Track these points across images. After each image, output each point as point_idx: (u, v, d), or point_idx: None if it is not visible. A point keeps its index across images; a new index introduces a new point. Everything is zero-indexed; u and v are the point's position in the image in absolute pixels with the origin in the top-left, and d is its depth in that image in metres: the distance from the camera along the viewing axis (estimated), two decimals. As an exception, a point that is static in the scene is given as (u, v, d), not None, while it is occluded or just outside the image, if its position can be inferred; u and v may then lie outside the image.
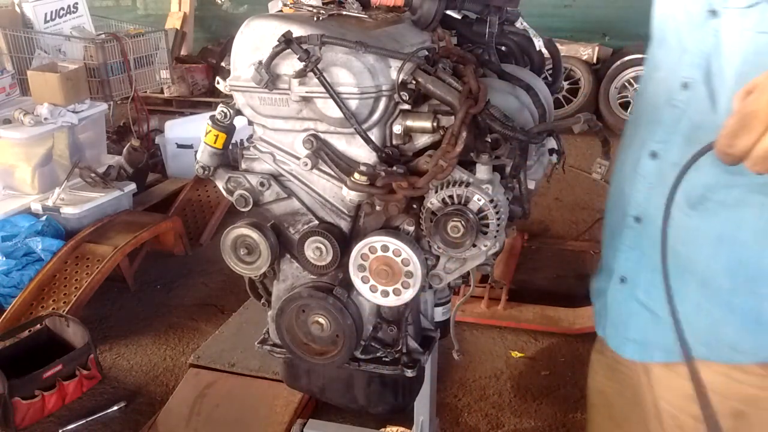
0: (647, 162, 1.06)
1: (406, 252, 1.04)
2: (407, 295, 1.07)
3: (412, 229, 1.08)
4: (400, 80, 1.03)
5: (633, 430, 1.26)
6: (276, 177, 1.14)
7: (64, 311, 2.82)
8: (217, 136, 1.17)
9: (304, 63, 1.00)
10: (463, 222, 0.99)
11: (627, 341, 1.15)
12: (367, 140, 1.06)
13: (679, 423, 1.10)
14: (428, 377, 1.55)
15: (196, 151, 1.20)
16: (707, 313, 1.03)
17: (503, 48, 1.33)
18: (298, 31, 1.03)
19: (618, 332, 1.17)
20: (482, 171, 1.00)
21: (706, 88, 0.96)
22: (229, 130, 1.18)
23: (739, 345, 1.01)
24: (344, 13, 1.15)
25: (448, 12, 1.24)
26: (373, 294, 1.09)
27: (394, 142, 1.09)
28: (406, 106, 1.06)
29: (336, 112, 1.04)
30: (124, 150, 3.84)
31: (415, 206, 1.06)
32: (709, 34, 0.94)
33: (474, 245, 1.01)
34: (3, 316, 2.85)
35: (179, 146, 4.42)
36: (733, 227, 0.97)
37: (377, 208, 1.06)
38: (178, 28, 6.70)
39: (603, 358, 1.30)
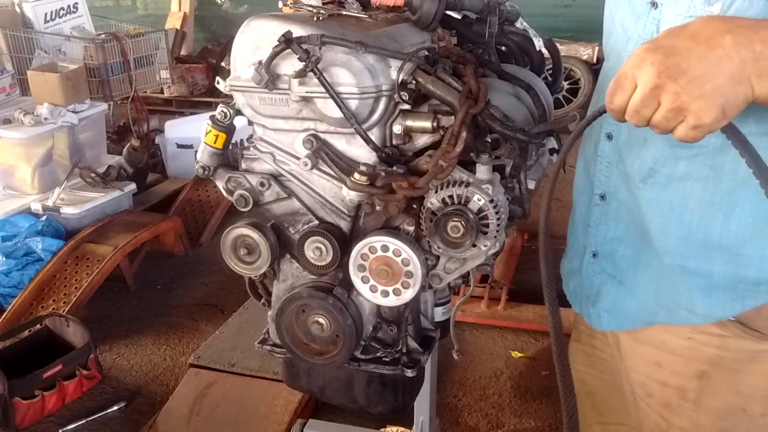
0: (605, 143, 1.14)
1: (406, 252, 1.04)
2: (407, 295, 1.07)
3: (412, 229, 1.08)
4: (400, 80, 1.03)
5: (615, 418, 1.32)
6: (276, 177, 1.14)
7: (64, 311, 2.82)
8: (217, 136, 1.17)
9: (304, 63, 1.00)
10: (463, 222, 0.99)
11: (602, 312, 1.22)
12: (367, 140, 1.06)
13: (648, 390, 1.16)
14: (428, 377, 1.55)
15: (196, 151, 1.20)
16: (665, 279, 1.10)
17: (503, 48, 1.33)
18: (298, 31, 1.03)
19: (593, 305, 1.23)
20: (482, 171, 1.00)
21: None
22: (229, 130, 1.18)
23: (695, 307, 1.06)
24: (344, 13, 1.15)
25: (448, 12, 1.24)
26: (373, 294, 1.09)
27: (394, 142, 1.09)
28: (406, 106, 1.06)
29: (336, 112, 1.04)
30: (124, 150, 3.84)
31: (415, 206, 1.06)
32: (650, 23, 1.03)
33: (474, 245, 1.01)
34: (3, 316, 2.85)
35: (179, 146, 4.42)
36: (682, 198, 1.04)
37: (377, 208, 1.06)
38: (178, 28, 6.70)
39: (580, 346, 1.36)
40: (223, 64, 1.19)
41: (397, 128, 1.07)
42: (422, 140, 1.08)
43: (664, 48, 0.79)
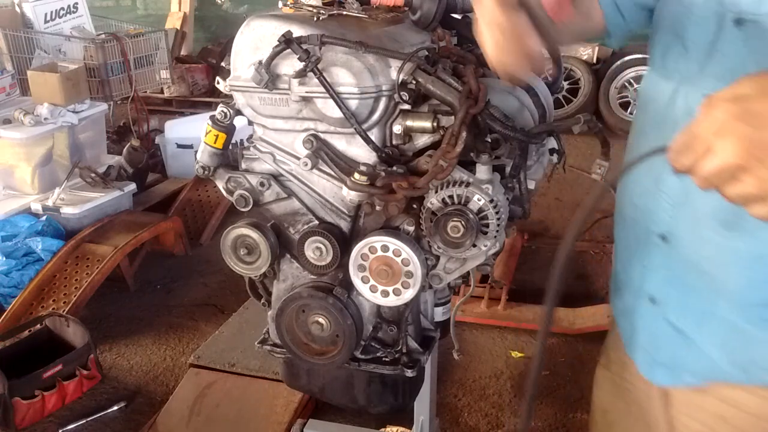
0: (671, 180, 0.98)
1: (406, 252, 1.04)
2: (407, 295, 1.07)
3: (412, 229, 1.08)
4: (400, 80, 1.03)
5: None
6: (276, 177, 1.14)
7: (64, 311, 2.82)
8: (217, 136, 1.17)
9: (304, 63, 1.00)
10: (463, 222, 0.99)
11: (656, 365, 1.10)
12: (367, 140, 1.06)
13: None
14: (428, 377, 1.55)
15: (196, 151, 1.20)
16: (742, 336, 0.99)
17: (503, 48, 1.33)
18: (298, 31, 1.03)
19: (648, 356, 1.11)
20: (482, 171, 1.00)
21: None
22: (229, 130, 1.18)
23: None
24: (344, 13, 1.15)
25: (448, 12, 1.24)
26: (373, 294, 1.09)
27: (394, 142, 1.09)
28: (406, 106, 1.06)
29: (336, 112, 1.04)
30: (124, 150, 3.84)
31: (415, 206, 1.06)
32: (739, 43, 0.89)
33: (474, 245, 1.01)
34: (3, 316, 2.85)
35: (179, 146, 4.42)
36: None
37: (377, 208, 1.06)
38: (178, 28, 6.69)
39: (608, 374, 1.27)
40: (223, 64, 1.19)
41: (397, 128, 1.07)
42: (422, 140, 1.08)
43: (752, 115, 0.64)
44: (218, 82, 1.15)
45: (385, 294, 1.08)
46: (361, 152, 1.09)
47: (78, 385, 2.59)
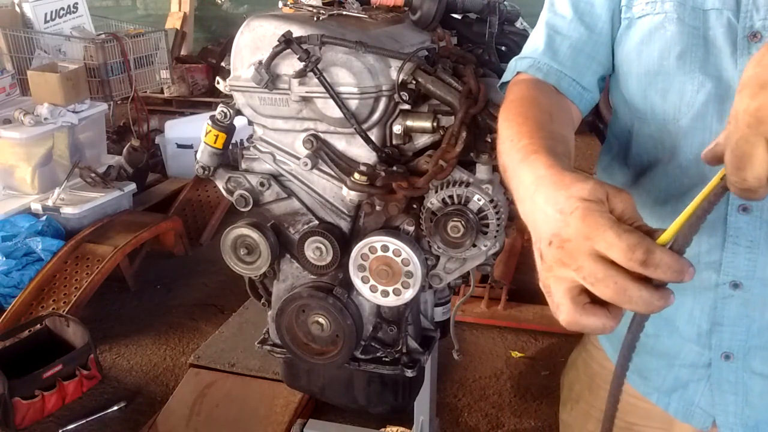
0: (738, 218, 0.85)
1: (406, 252, 1.04)
2: (407, 295, 1.07)
3: (412, 229, 1.08)
4: (400, 80, 1.03)
5: None
6: (276, 177, 1.14)
7: (64, 311, 2.82)
8: (217, 136, 1.17)
9: (304, 63, 1.00)
10: (463, 222, 0.99)
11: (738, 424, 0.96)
12: (367, 140, 1.06)
13: None
14: (428, 377, 1.55)
15: (196, 151, 1.20)
16: None
17: (503, 48, 1.33)
18: (298, 31, 1.03)
19: (724, 415, 0.96)
20: (482, 171, 1.00)
21: None
22: (229, 130, 1.18)
23: None
24: (344, 13, 1.15)
25: (448, 12, 1.24)
26: (373, 294, 1.09)
27: (394, 142, 1.09)
28: (406, 106, 1.06)
29: (336, 112, 1.04)
30: (124, 150, 3.84)
31: (415, 206, 1.06)
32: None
33: (474, 245, 1.01)
34: (3, 316, 2.84)
35: (179, 146, 4.42)
36: None
37: (377, 208, 1.06)
38: (178, 28, 6.69)
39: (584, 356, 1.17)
40: (223, 64, 1.19)
41: (397, 128, 1.07)
42: (422, 140, 1.08)
43: None
44: (218, 82, 1.15)
45: (385, 294, 1.08)
46: (361, 152, 1.09)
47: (78, 385, 2.59)
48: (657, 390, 1.01)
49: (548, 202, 0.61)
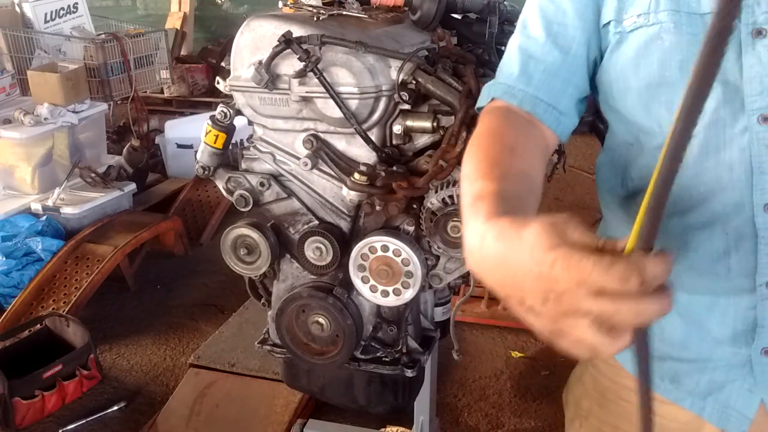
0: (766, 217, 0.83)
1: (406, 252, 1.04)
2: (407, 295, 1.07)
3: (412, 229, 1.08)
4: (400, 80, 1.03)
5: None
6: (276, 177, 1.14)
7: (64, 311, 2.82)
8: (217, 136, 1.17)
9: (304, 63, 1.00)
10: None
11: None
12: (367, 140, 1.06)
13: None
14: (428, 377, 1.55)
15: (196, 151, 1.21)
16: None
17: (503, 48, 1.33)
18: (298, 31, 1.03)
19: None
20: (482, 171, 1.00)
21: None
22: (229, 130, 1.18)
23: None
24: (344, 13, 1.15)
25: (448, 12, 1.24)
26: (373, 294, 1.09)
27: (394, 142, 1.09)
28: (406, 106, 1.06)
29: (336, 112, 1.04)
30: (124, 150, 3.84)
31: (415, 206, 1.06)
32: (754, 60, 0.80)
33: (474, 245, 1.01)
34: (3, 316, 2.84)
35: (179, 146, 4.42)
36: None
37: (377, 208, 1.06)
38: (178, 28, 6.69)
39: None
40: (223, 64, 1.20)
41: (397, 128, 1.07)
42: (422, 140, 1.08)
43: None
44: (218, 82, 1.15)
45: (385, 294, 1.08)
46: (361, 152, 1.09)
47: (78, 385, 2.59)
48: (690, 394, 0.97)
49: (511, 255, 0.59)
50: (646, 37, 0.82)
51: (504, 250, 0.60)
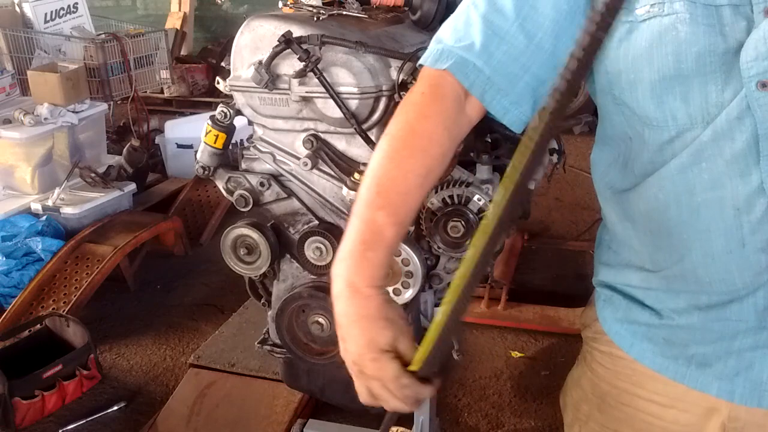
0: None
1: (406, 252, 1.04)
2: (407, 295, 1.07)
3: (412, 229, 1.08)
4: (400, 80, 1.03)
5: None
6: (276, 177, 1.14)
7: (64, 311, 2.82)
8: (217, 136, 1.17)
9: (304, 63, 1.00)
10: (463, 222, 0.99)
11: None
12: (367, 140, 1.06)
13: None
14: (428, 377, 1.55)
15: (196, 151, 1.21)
16: None
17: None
18: (298, 31, 1.03)
19: None
20: (482, 171, 1.01)
21: None
22: (229, 130, 1.18)
23: None
24: (344, 13, 1.15)
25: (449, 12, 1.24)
26: (373, 294, 1.09)
27: (394, 142, 1.09)
28: (406, 106, 1.05)
29: (336, 112, 1.04)
30: (124, 150, 3.84)
31: (415, 206, 1.06)
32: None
33: (474, 245, 1.01)
34: (3, 316, 2.84)
35: (179, 146, 4.41)
36: None
37: (377, 208, 1.06)
38: (178, 28, 6.69)
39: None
40: (223, 64, 1.20)
41: (397, 128, 1.07)
42: (422, 140, 1.08)
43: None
44: (218, 82, 1.15)
45: (385, 294, 1.08)
46: (361, 152, 1.09)
47: (78, 385, 2.59)
48: (718, 378, 0.93)
49: (357, 341, 0.88)
50: (660, 28, 0.79)
51: (352, 324, 0.85)
